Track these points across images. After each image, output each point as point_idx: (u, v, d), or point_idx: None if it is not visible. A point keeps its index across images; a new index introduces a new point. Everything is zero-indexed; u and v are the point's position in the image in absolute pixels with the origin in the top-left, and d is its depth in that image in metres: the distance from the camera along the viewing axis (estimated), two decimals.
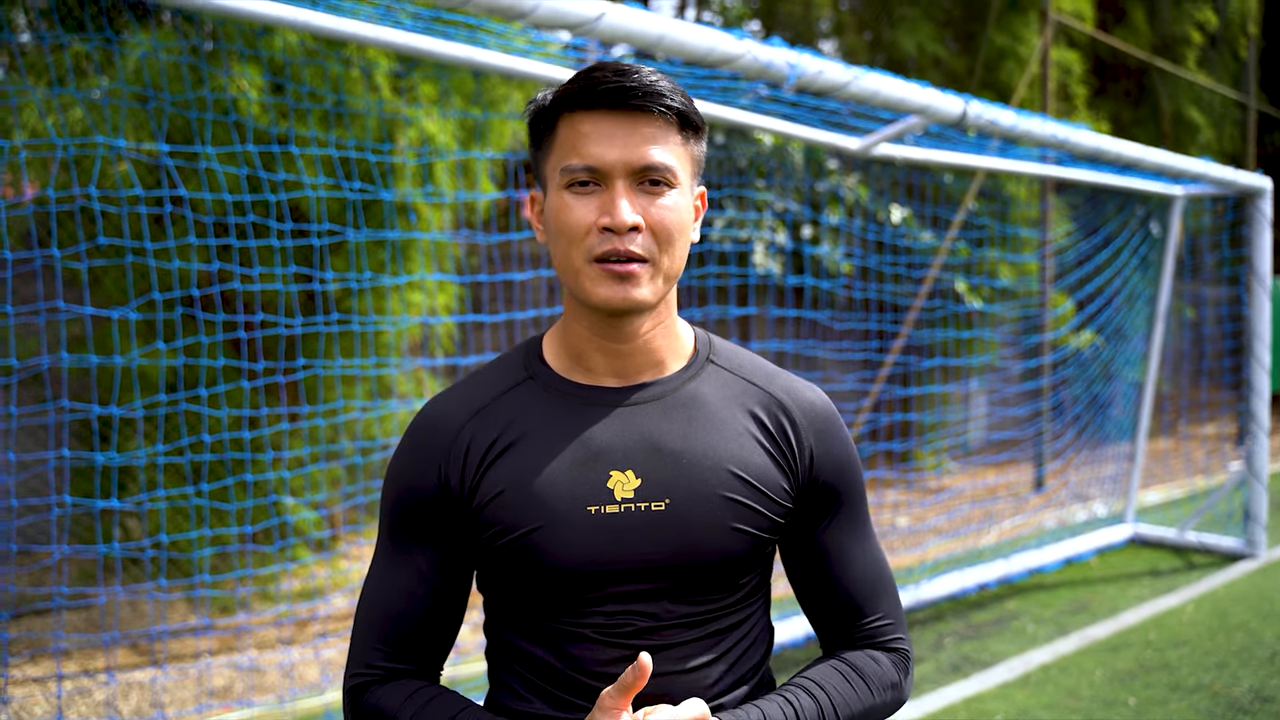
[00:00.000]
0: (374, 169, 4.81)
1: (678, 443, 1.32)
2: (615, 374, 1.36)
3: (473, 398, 1.37)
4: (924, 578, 6.06)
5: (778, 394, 1.40)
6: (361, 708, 1.36)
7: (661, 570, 1.30)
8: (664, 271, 1.29)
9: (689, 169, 1.32)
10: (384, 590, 1.38)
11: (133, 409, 4.44)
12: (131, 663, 4.85)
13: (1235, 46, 14.60)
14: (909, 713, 4.36)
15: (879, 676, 1.40)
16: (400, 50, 4.02)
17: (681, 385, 1.37)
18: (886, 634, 1.44)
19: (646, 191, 1.27)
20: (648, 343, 1.35)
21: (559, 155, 1.29)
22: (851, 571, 1.42)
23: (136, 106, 4.43)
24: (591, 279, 1.27)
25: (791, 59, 3.85)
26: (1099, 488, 8.41)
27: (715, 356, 1.42)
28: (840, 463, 1.41)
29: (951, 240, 8.59)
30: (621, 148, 1.25)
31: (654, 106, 1.26)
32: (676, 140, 1.29)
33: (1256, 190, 6.94)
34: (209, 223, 4.55)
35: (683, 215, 1.30)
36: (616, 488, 1.29)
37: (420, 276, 5.15)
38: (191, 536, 4.50)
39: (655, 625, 1.31)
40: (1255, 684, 4.59)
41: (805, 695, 1.33)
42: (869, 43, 11.72)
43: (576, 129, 1.27)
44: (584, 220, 1.26)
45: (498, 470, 1.32)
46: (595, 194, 1.27)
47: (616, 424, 1.33)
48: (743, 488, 1.32)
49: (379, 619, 1.37)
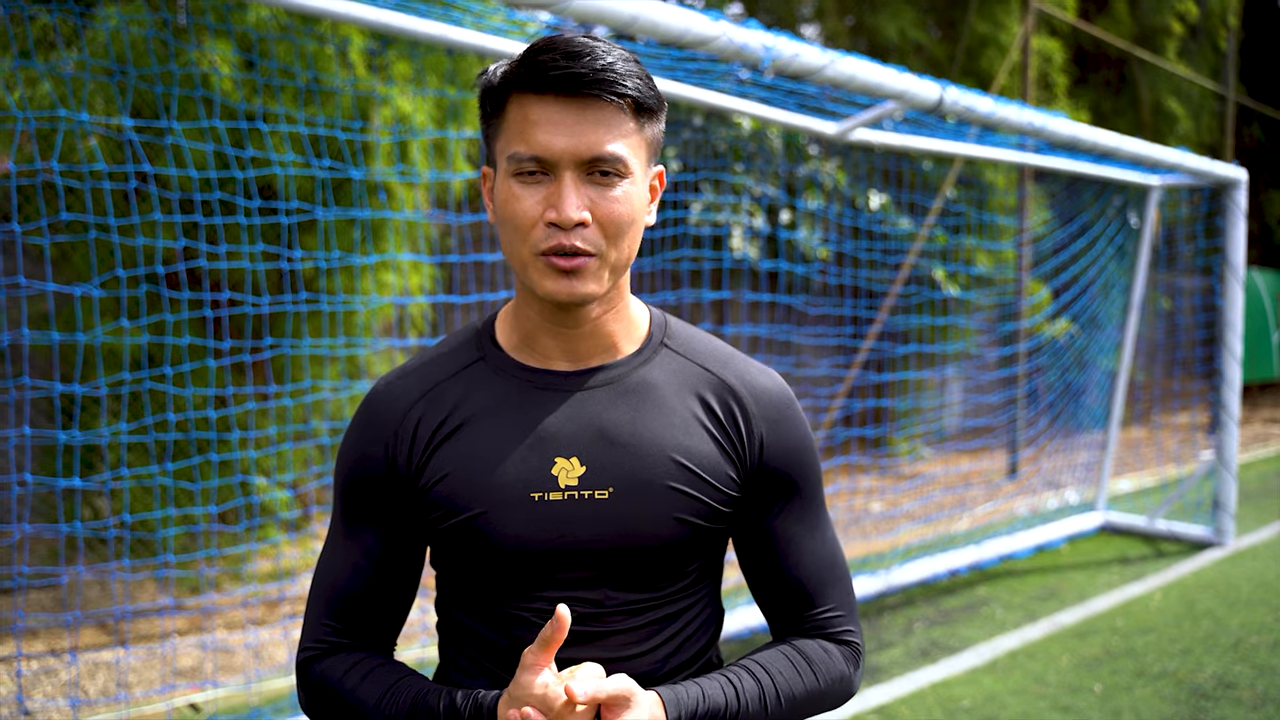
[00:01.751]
0: (345, 147, 4.75)
1: (624, 430, 1.31)
2: (566, 357, 1.34)
3: (423, 377, 1.36)
4: (895, 563, 6.08)
5: (729, 379, 1.37)
6: (308, 679, 1.37)
7: (603, 558, 1.29)
8: (612, 264, 1.26)
9: (643, 155, 1.28)
10: (334, 566, 1.39)
11: (96, 387, 4.39)
12: (99, 642, 4.82)
13: (1215, 38, 14.67)
14: (876, 697, 4.38)
15: (827, 666, 1.38)
16: (374, 27, 3.96)
17: (633, 370, 1.35)
18: (836, 625, 1.41)
19: (596, 183, 1.23)
20: (599, 327, 1.33)
21: (506, 139, 1.25)
22: (803, 560, 1.40)
23: (105, 81, 4.36)
24: (539, 271, 1.25)
25: (767, 41, 3.82)
26: (1071, 475, 8.46)
27: (670, 340, 1.39)
28: (793, 450, 1.38)
29: (929, 227, 8.60)
30: (570, 137, 1.21)
31: (606, 94, 1.21)
32: (630, 127, 1.24)
33: (1231, 181, 6.97)
34: (179, 199, 4.49)
35: (633, 206, 1.26)
36: (561, 475, 1.28)
37: (390, 256, 5.11)
38: (157, 516, 4.46)
39: (598, 612, 1.31)
40: (1219, 670, 4.63)
41: (748, 676, 1.32)
42: (850, 28, 11.69)
43: (525, 113, 1.22)
44: (530, 212, 1.23)
45: (445, 452, 1.31)
46: (543, 184, 1.23)
47: (565, 409, 1.31)
48: (687, 476, 1.31)
49: (328, 594, 1.38)
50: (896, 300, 8.46)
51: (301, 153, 4.73)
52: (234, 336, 4.89)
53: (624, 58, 1.23)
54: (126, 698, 4.19)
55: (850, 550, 6.74)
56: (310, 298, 4.90)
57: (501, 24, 4.43)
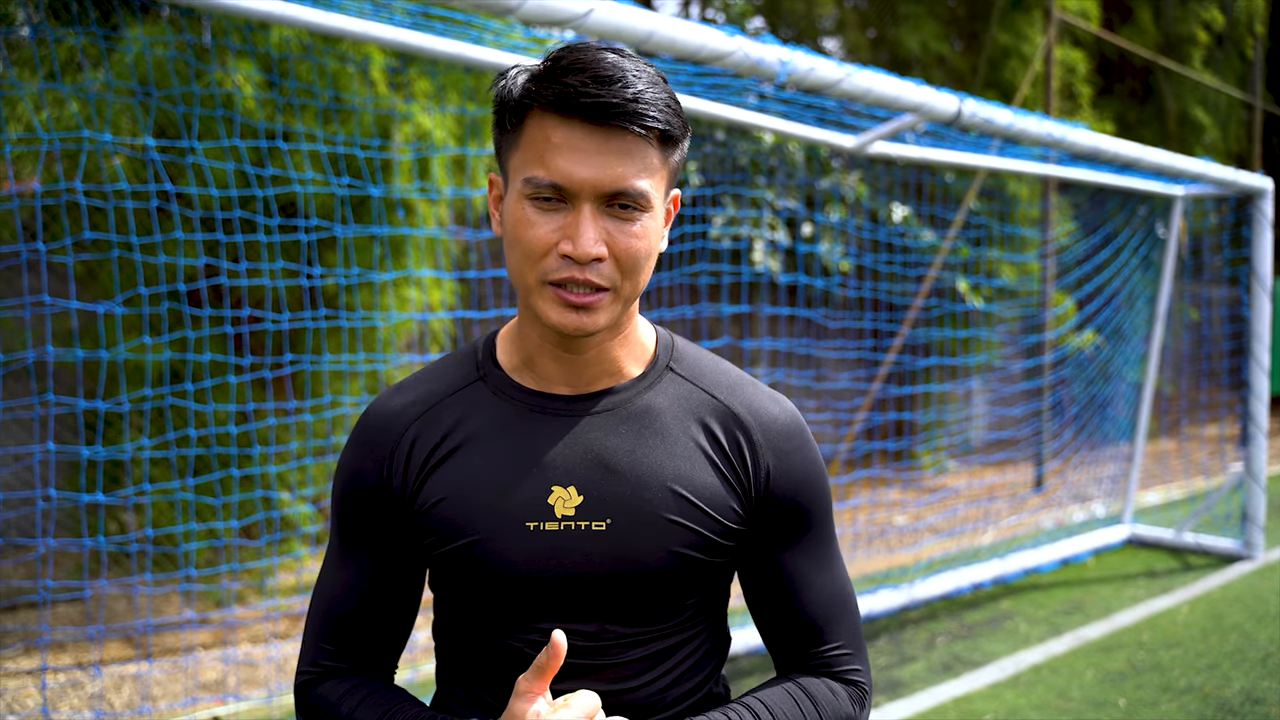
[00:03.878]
0: (363, 165, 4.80)
1: (624, 459, 1.26)
2: (568, 381, 1.30)
3: (421, 396, 1.33)
4: (919, 576, 6.04)
5: (736, 407, 1.32)
6: (306, 704, 1.34)
7: (599, 590, 1.26)
8: (625, 297, 1.22)
9: (664, 186, 1.22)
10: (331, 587, 1.35)
11: (119, 403, 4.44)
12: (123, 655, 4.86)
13: (1242, 46, 14.54)
14: (897, 712, 4.35)
15: (833, 708, 1.31)
16: (394, 46, 4.01)
17: (636, 396, 1.31)
18: (842, 664, 1.35)
19: (615, 216, 1.17)
20: (604, 352, 1.29)
21: (523, 157, 1.18)
22: (810, 595, 1.34)
23: (129, 101, 4.43)
24: (546, 301, 1.20)
25: (783, 56, 3.83)
26: (1098, 488, 8.38)
27: (676, 364, 1.34)
28: (801, 482, 1.32)
29: (952, 239, 8.56)
30: (593, 168, 1.15)
31: (634, 126, 1.15)
32: (655, 159, 1.18)
33: (1257, 191, 6.91)
34: (200, 217, 4.55)
35: (651, 241, 1.21)
36: (557, 504, 1.25)
37: (410, 272, 5.14)
38: (180, 530, 4.50)
39: (595, 645, 1.27)
40: (1246, 685, 4.57)
41: (749, 715, 1.27)
42: (872, 41, 11.67)
43: (546, 135, 1.16)
44: (544, 240, 1.17)
45: (440, 476, 1.28)
46: (559, 211, 1.17)
47: (564, 436, 1.27)
48: (686, 509, 1.26)
49: (324, 615, 1.35)
50: (919, 313, 8.42)
51: (322, 171, 4.77)
52: (255, 353, 4.93)
53: (652, 82, 1.17)
54: (151, 710, 4.22)
55: (873, 564, 6.71)
56: (330, 314, 4.94)
57: (520, 40, 4.47)
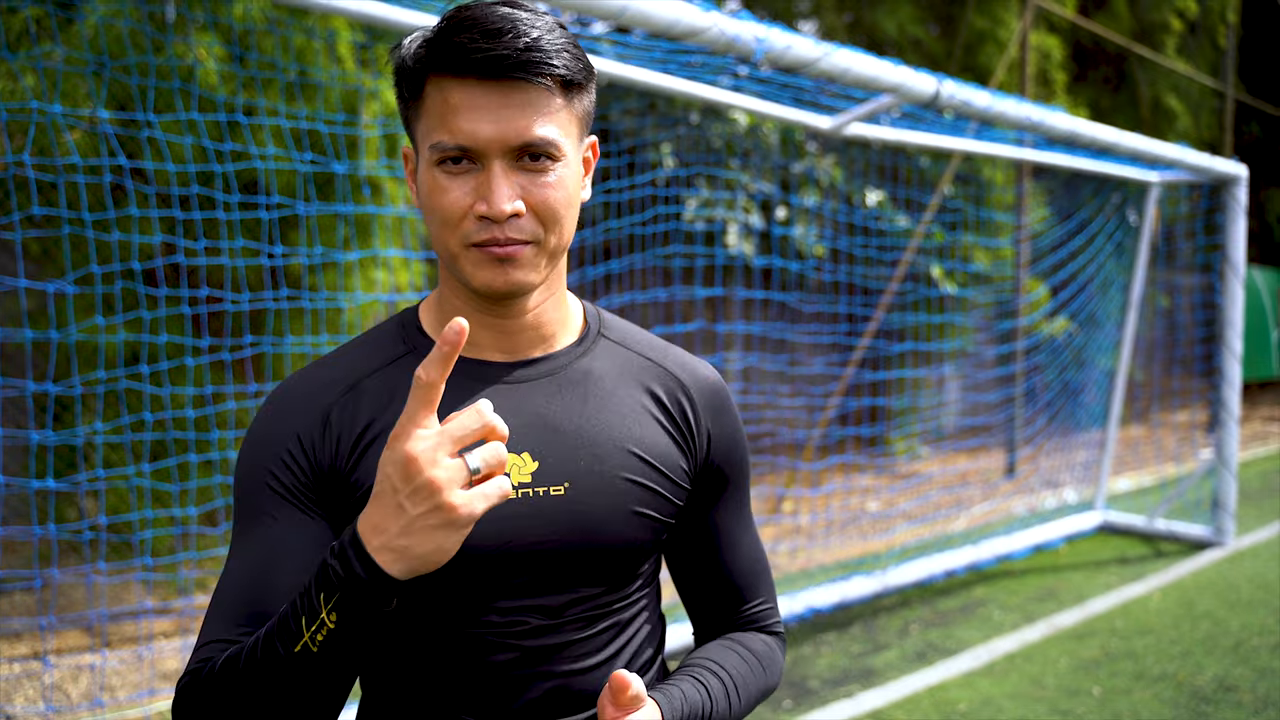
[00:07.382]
0: (328, 141, 4.67)
1: (573, 422, 1.23)
2: (501, 349, 1.25)
3: (342, 375, 1.23)
4: (892, 563, 6.00)
5: (674, 370, 1.33)
6: (184, 701, 1.10)
7: (561, 559, 1.20)
8: (550, 250, 1.18)
9: (575, 132, 1.19)
10: (239, 572, 1.17)
11: (70, 385, 4.30)
12: (80, 645, 4.74)
13: (1214, 35, 14.59)
14: (871, 701, 4.30)
15: (770, 660, 1.39)
16: (361, 19, 3.87)
17: (573, 361, 1.28)
18: (769, 618, 1.42)
19: (527, 169, 1.14)
20: (536, 317, 1.25)
21: (427, 124, 1.15)
22: (737, 553, 1.39)
23: (84, 72, 4.28)
24: (471, 263, 1.16)
25: (759, 33, 3.75)
26: (1070, 474, 8.39)
27: (606, 331, 1.33)
28: (732, 442, 1.36)
29: (926, 224, 8.52)
30: (496, 123, 1.12)
31: (532, 76, 1.12)
32: (559, 105, 1.15)
33: (1231, 178, 6.90)
34: (157, 193, 4.41)
35: (569, 190, 1.18)
36: (513, 471, 1.19)
37: (376, 252, 5.02)
38: (136, 518, 4.37)
39: (551, 624, 1.22)
40: (1219, 673, 4.56)
41: (713, 676, 1.29)
42: (849, 24, 11.60)
43: (445, 98, 1.13)
44: (458, 204, 1.14)
45: (375, 454, 1.17)
46: (470, 173, 1.14)
47: (506, 403, 1.21)
48: (644, 469, 1.25)
49: (231, 603, 1.15)
50: (893, 298, 8.37)
51: (284, 147, 4.64)
52: (215, 334, 4.80)
53: (549, 29, 1.14)
54: (106, 703, 4.11)
55: (846, 550, 6.67)
56: (293, 294, 4.81)
57: None
